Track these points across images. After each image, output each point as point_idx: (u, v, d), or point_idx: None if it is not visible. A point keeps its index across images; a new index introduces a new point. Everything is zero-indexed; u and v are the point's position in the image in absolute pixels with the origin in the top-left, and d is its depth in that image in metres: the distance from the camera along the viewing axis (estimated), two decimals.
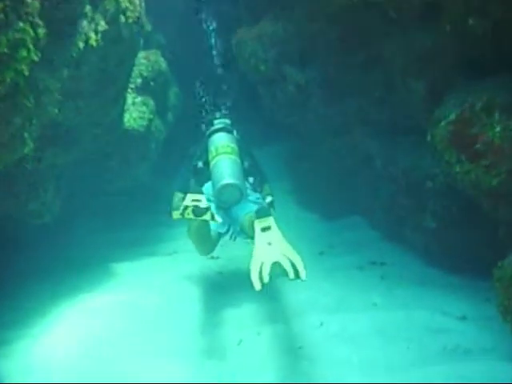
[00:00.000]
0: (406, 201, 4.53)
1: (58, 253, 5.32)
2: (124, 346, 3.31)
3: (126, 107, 5.22)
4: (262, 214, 2.78)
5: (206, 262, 4.85)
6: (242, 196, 3.28)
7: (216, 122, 3.93)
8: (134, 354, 3.22)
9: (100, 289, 4.35)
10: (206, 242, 3.41)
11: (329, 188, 6.22)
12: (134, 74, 5.39)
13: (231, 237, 3.57)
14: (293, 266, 2.54)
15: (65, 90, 3.27)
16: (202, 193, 2.93)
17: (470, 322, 3.40)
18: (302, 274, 2.53)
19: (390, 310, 3.61)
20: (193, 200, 2.82)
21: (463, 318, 3.46)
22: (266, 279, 2.50)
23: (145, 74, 5.48)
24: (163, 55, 5.94)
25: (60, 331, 3.48)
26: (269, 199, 3.59)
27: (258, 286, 2.50)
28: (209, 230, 3.27)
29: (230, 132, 3.68)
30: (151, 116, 5.43)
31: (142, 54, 5.55)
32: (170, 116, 6.23)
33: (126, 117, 5.22)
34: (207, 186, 3.49)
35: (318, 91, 4.71)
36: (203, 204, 2.83)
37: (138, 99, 5.41)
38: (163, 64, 5.80)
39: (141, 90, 5.46)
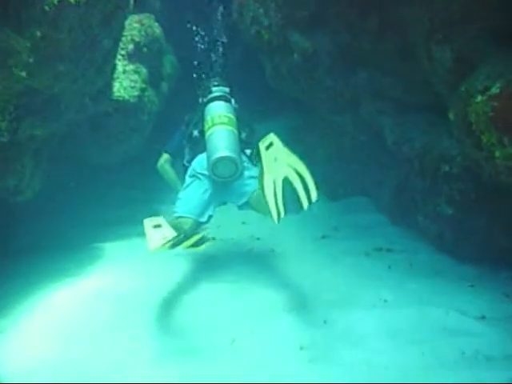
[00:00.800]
0: (419, 184, 4.15)
1: (43, 232, 4.99)
2: (102, 345, 2.93)
3: (115, 75, 4.81)
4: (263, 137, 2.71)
5: None
6: (237, 170, 3.13)
7: (214, 89, 3.71)
8: (114, 356, 2.85)
9: (85, 272, 4.01)
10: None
11: (333, 165, 5.91)
12: (125, 39, 4.96)
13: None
14: (303, 182, 2.44)
15: (39, 53, 2.87)
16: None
17: (490, 323, 3.04)
18: (313, 193, 2.46)
19: (401, 307, 3.23)
20: (154, 226, 2.60)
21: (482, 318, 3.10)
22: (282, 212, 2.45)
23: (137, 39, 5.03)
24: (157, 20, 5.45)
25: (32, 328, 3.12)
26: None
27: (276, 219, 2.46)
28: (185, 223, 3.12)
29: (227, 101, 3.51)
30: (144, 85, 5.01)
31: (134, 18, 5.10)
32: (164, 86, 5.79)
33: (116, 86, 4.80)
34: (201, 158, 3.34)
35: (326, 60, 4.25)
36: (167, 230, 2.58)
37: (130, 67, 4.98)
38: (157, 29, 5.33)
39: (133, 57, 5.02)
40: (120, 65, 4.90)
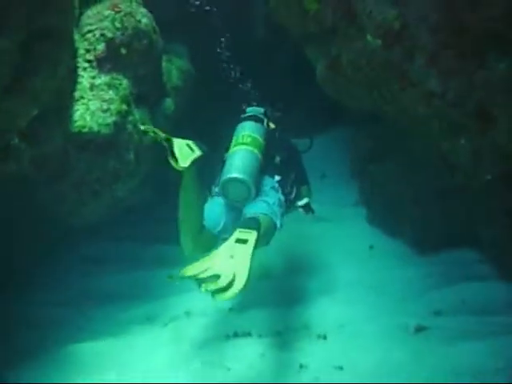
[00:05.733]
0: None
1: None
2: None
3: (79, 94, 3.09)
4: (247, 225, 2.60)
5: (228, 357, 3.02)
6: (249, 193, 2.93)
7: (248, 109, 3.51)
8: None
9: None
10: (195, 231, 2.79)
11: (425, 203, 4.11)
12: (91, 37, 3.24)
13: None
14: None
15: None
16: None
17: None
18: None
19: None
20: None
21: None
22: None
23: (110, 34, 3.21)
24: (145, 4, 3.61)
25: None
26: (304, 201, 3.37)
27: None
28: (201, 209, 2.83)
29: (258, 121, 3.28)
30: (124, 107, 3.21)
31: (105, 3, 3.30)
32: (167, 105, 3.97)
33: (79, 111, 3.05)
34: None
35: (428, 44, 2.23)
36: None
37: (101, 79, 3.20)
38: (144, 18, 3.44)
39: (105, 64, 3.23)
40: (85, 77, 3.14)
